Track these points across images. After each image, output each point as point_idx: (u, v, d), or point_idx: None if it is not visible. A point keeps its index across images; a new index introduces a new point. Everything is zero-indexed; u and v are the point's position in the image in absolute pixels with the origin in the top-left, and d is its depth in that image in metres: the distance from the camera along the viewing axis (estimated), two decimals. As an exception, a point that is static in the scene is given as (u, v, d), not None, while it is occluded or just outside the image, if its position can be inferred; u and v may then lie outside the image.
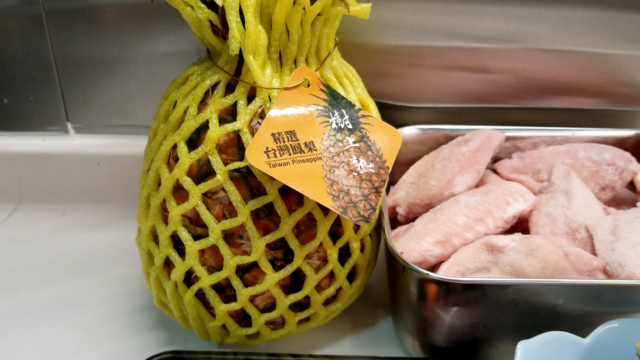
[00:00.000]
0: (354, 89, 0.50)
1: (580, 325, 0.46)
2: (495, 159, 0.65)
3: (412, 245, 0.51)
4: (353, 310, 0.57)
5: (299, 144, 0.42)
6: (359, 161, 0.44)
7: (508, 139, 0.65)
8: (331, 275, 0.49)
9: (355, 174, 0.43)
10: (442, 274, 0.48)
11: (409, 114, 0.72)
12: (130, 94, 0.69)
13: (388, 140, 0.46)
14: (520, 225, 0.55)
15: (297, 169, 0.41)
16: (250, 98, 0.44)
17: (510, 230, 0.55)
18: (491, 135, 0.60)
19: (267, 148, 0.41)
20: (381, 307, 0.58)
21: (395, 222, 0.60)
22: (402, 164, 0.63)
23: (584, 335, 0.45)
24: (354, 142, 0.45)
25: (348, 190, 0.42)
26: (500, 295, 0.45)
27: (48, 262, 0.63)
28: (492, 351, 0.49)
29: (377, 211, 0.50)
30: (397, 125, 0.64)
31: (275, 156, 0.41)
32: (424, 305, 0.47)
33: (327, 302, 0.51)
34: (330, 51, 0.48)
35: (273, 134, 0.42)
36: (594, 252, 0.49)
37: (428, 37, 0.66)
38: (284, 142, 0.42)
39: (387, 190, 0.62)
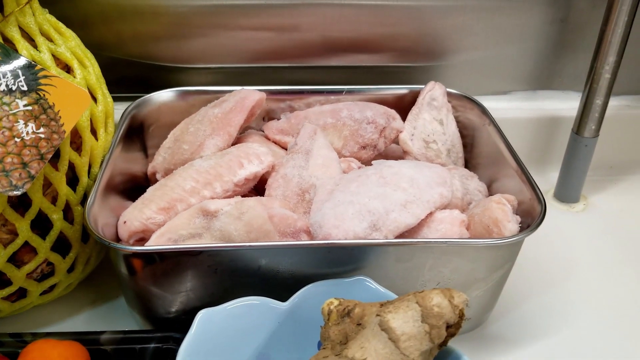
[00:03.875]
0: (56, 47, 0.46)
1: (290, 287, 0.44)
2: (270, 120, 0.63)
3: (135, 213, 0.49)
4: (98, 283, 0.54)
5: (-53, 109, 0.39)
6: (26, 126, 0.41)
7: (284, 99, 0.63)
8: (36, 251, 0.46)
9: (18, 139, 0.40)
10: (152, 242, 0.46)
11: (198, 75, 0.69)
12: None
13: (73, 102, 0.43)
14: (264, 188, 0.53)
15: (-64, 137, 0.38)
16: None
17: (252, 193, 0.54)
18: (246, 96, 0.57)
19: None
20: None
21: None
22: (170, 128, 0.60)
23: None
24: (25, 105, 0.41)
25: (2, 158, 0.39)
26: (195, 263, 0.43)
27: None
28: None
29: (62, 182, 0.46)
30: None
31: None
32: (131, 278, 0.45)
33: (44, 277, 0.48)
34: (18, 7, 0.44)
35: None
36: (316, 213, 0.48)
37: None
38: None
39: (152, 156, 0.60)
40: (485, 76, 0.70)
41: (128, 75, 0.66)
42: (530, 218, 0.48)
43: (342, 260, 0.44)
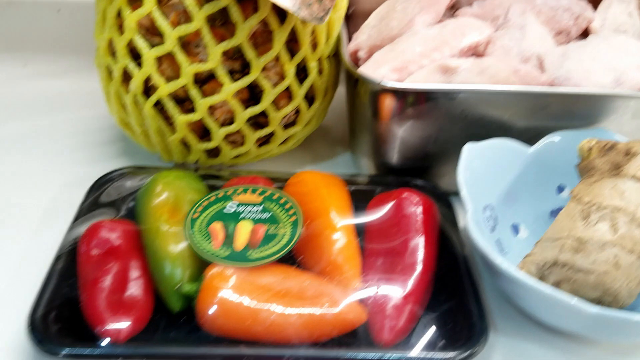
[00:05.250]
0: None
1: (528, 139, 0.48)
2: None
3: (370, 72, 0.53)
4: (313, 146, 0.59)
5: (253, -56, 0.42)
6: (314, -33, 0.44)
7: (472, -11, 0.65)
8: (290, 96, 0.50)
9: (310, -22, 0.44)
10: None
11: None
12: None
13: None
14: (476, 61, 0.56)
15: (250, -33, 0.42)
16: None
17: (465, 64, 0.57)
18: (452, -23, 0.60)
19: (219, -56, 0.41)
20: (341, 145, 0.60)
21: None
22: (367, 14, 0.63)
23: (529, 148, 0.47)
24: (309, -50, 0.45)
25: (302, -8, 0.43)
26: (449, 106, 0.47)
27: (13, 103, 0.63)
28: (442, 167, 0.51)
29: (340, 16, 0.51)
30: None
31: (228, -47, 0.41)
32: (378, 121, 0.49)
33: (287, 126, 0.52)
34: None
35: None
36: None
37: None
38: (237, -59, 0.42)
39: (350, 37, 0.63)
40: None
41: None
42: None
43: (582, 113, 0.48)
